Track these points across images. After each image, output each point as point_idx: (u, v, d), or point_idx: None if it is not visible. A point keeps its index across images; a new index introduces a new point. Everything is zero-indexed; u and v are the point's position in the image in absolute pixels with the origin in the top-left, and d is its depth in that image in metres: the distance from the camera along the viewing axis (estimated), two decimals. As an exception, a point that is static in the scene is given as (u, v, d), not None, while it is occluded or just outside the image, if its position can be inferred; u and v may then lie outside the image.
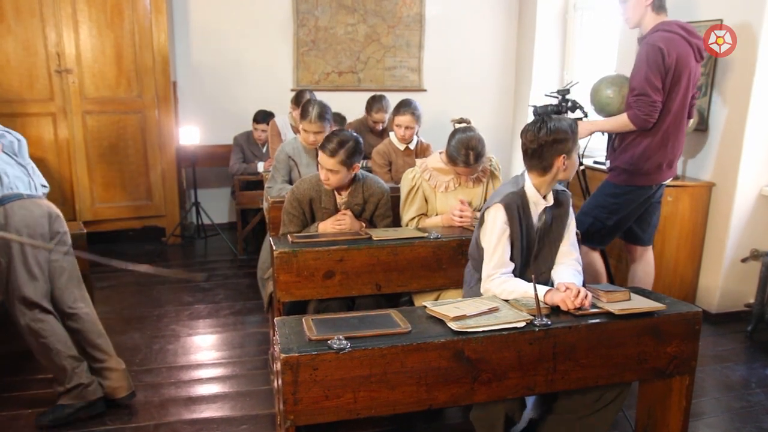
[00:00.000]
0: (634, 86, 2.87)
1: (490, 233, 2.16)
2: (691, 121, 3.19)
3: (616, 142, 3.08)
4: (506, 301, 2.02)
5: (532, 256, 2.23)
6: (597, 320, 1.92)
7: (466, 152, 2.60)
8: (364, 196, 2.73)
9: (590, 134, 3.12)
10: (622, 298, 2.00)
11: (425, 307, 1.97)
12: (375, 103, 4.27)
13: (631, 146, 2.96)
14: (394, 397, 1.76)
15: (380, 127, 4.31)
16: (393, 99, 4.07)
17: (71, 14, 4.42)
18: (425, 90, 5.71)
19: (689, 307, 2.04)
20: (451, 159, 2.66)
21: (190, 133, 4.80)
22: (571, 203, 2.30)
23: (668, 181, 3.12)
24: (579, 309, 1.97)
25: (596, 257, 3.22)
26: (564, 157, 2.12)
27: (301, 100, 3.85)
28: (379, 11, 5.46)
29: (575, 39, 5.33)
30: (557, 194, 2.24)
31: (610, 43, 4.71)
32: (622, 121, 2.93)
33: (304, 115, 3.16)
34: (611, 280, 3.38)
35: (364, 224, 2.72)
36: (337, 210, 2.71)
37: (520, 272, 2.20)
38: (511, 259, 2.18)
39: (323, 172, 2.59)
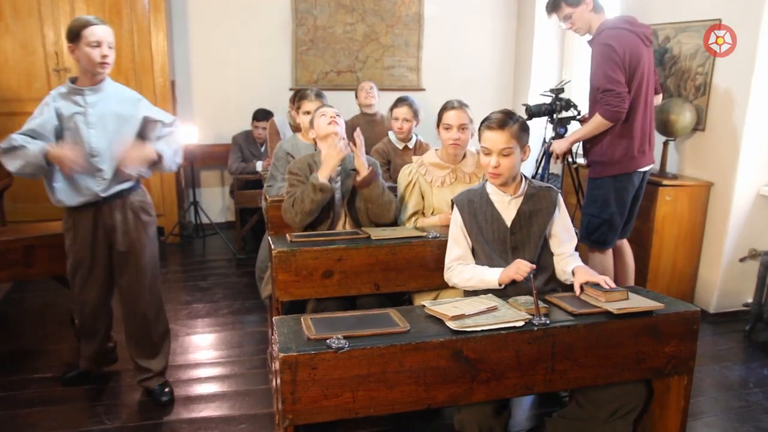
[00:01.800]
0: (597, 86, 2.99)
1: (451, 228, 2.35)
2: (659, 96, 3.37)
3: (588, 140, 3.19)
4: (505, 301, 2.02)
5: (508, 250, 2.23)
6: (595, 320, 1.92)
7: (451, 100, 2.79)
8: (355, 165, 2.75)
9: (571, 145, 3.27)
10: (621, 297, 2.00)
11: (424, 306, 1.96)
12: (360, 84, 4.63)
13: (597, 139, 3.10)
14: (392, 397, 1.76)
15: (370, 101, 4.52)
16: (391, 98, 4.06)
17: (69, 13, 4.41)
18: (424, 89, 5.71)
19: (687, 306, 2.04)
20: (440, 114, 2.78)
21: (189, 133, 4.79)
22: (558, 200, 2.28)
23: (647, 168, 3.17)
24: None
25: (606, 259, 3.23)
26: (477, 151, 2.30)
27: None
28: (377, 11, 5.46)
29: (574, 38, 5.32)
30: (538, 190, 2.25)
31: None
32: (596, 122, 3.02)
33: (303, 97, 3.24)
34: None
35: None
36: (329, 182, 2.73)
37: (499, 265, 2.19)
38: (480, 252, 2.26)
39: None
